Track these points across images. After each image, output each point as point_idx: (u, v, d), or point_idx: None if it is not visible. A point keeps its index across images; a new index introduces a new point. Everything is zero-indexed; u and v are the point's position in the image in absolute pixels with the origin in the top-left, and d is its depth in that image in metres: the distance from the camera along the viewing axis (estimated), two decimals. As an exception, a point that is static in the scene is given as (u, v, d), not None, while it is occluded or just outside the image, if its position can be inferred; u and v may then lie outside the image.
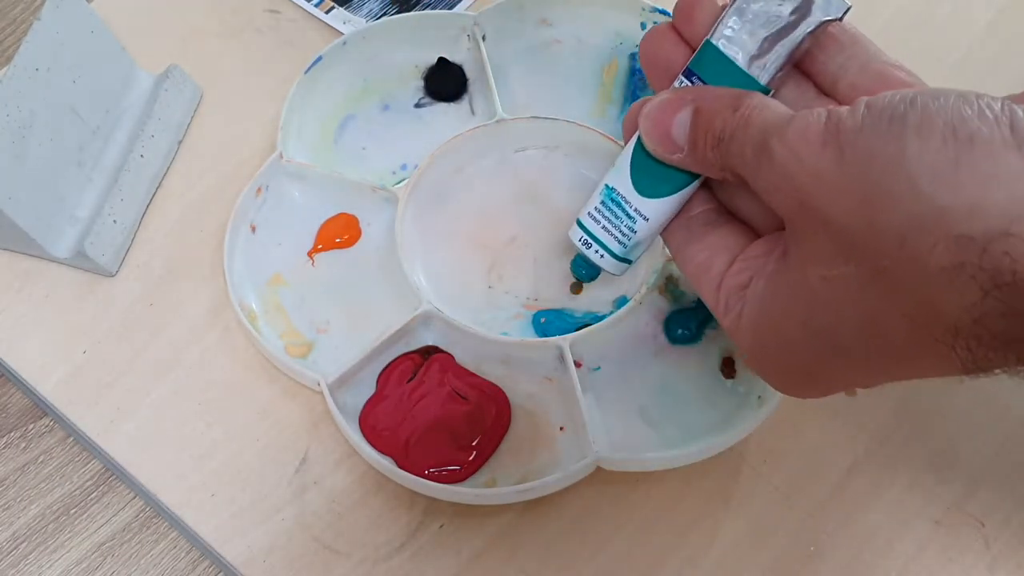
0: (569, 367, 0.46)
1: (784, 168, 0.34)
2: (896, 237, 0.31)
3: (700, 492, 0.46)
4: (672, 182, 0.40)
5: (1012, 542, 0.45)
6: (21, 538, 0.47)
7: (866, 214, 0.32)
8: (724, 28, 0.38)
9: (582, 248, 0.42)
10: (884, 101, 0.33)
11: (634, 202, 0.41)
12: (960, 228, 0.30)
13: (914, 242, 0.31)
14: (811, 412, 0.47)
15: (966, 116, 0.31)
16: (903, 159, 0.31)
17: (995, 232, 0.30)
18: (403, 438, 0.46)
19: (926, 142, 0.31)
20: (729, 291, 0.38)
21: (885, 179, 0.32)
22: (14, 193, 0.49)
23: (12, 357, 0.50)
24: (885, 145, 0.32)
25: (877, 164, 0.32)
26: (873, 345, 0.34)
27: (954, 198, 0.30)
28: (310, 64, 0.54)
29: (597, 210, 0.42)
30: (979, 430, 0.47)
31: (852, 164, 0.33)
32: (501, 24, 0.55)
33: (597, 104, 0.55)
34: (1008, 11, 0.58)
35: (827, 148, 0.33)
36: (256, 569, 0.45)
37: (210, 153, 0.55)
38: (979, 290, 0.30)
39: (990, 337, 0.31)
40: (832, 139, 0.33)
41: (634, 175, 0.41)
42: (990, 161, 0.30)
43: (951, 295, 0.31)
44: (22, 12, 0.62)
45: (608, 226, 0.41)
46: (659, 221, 0.41)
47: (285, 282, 0.51)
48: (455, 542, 0.45)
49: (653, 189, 0.40)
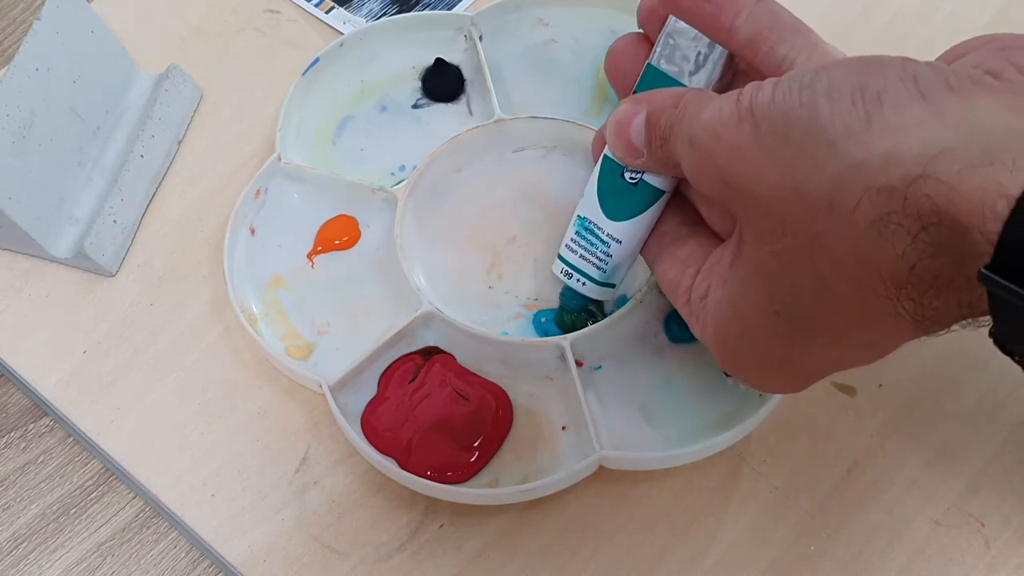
0: (570, 366, 0.46)
1: (706, 150, 0.35)
2: (823, 200, 0.32)
3: (700, 492, 0.46)
4: (637, 202, 0.42)
5: (1012, 542, 0.45)
6: (21, 538, 0.47)
7: (790, 183, 0.33)
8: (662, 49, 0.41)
9: (564, 279, 0.45)
10: (793, 74, 0.34)
11: (605, 227, 0.43)
12: (880, 180, 0.31)
13: (840, 202, 0.32)
14: (811, 412, 0.47)
15: (871, 75, 0.32)
16: (816, 122, 0.32)
17: (913, 177, 0.30)
18: (405, 439, 0.46)
19: (836, 104, 0.32)
20: (695, 303, 0.40)
21: (802, 144, 0.33)
22: (14, 193, 0.49)
23: (12, 357, 0.50)
24: (798, 112, 0.33)
25: (792, 131, 0.33)
26: (830, 313, 0.34)
27: (869, 152, 0.31)
28: (308, 65, 0.54)
29: (573, 240, 0.44)
30: (979, 430, 0.47)
31: (768, 135, 0.33)
32: (498, 24, 0.55)
33: (594, 103, 0.55)
34: (1008, 11, 0.58)
35: (743, 124, 0.34)
36: (256, 569, 0.45)
37: (210, 153, 0.55)
38: (907, 236, 0.31)
39: (928, 283, 0.31)
40: (746, 115, 0.34)
41: (601, 200, 0.43)
42: (898, 114, 0.31)
43: (884, 248, 0.31)
44: (22, 12, 0.62)
45: (585, 254, 0.44)
46: (632, 243, 0.43)
47: (285, 284, 0.51)
48: (455, 542, 0.45)
49: (620, 211, 0.42)
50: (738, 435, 0.45)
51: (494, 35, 0.55)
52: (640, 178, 0.42)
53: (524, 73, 0.55)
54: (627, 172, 0.42)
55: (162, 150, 0.54)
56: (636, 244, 0.43)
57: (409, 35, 0.56)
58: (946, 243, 0.30)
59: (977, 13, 0.58)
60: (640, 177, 0.42)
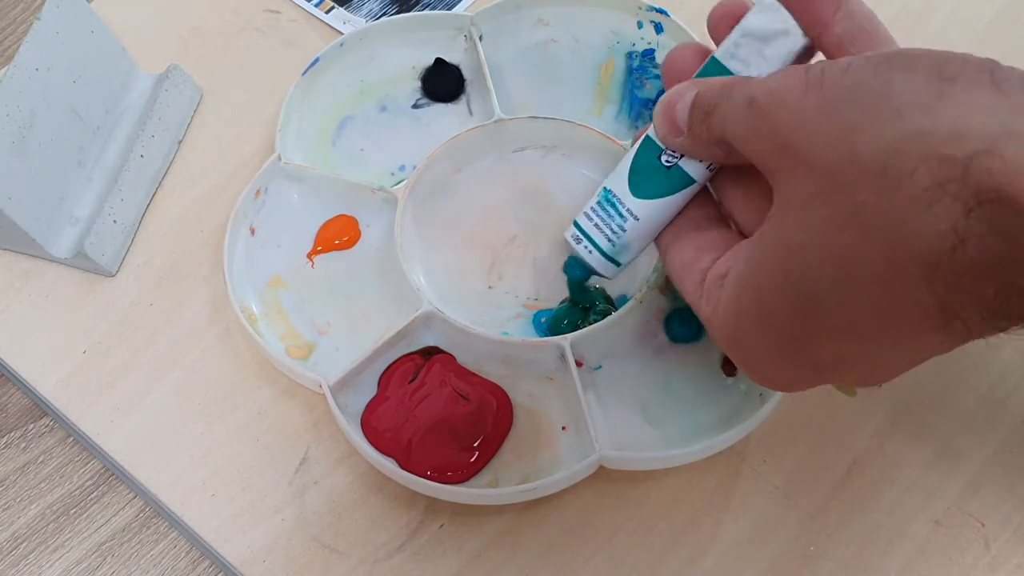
0: (570, 366, 0.46)
1: (765, 112, 0.36)
2: (878, 165, 0.32)
3: (700, 492, 0.46)
4: (665, 184, 0.42)
5: (1012, 542, 0.45)
6: (21, 538, 0.47)
7: (847, 147, 0.33)
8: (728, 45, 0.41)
9: (573, 244, 0.45)
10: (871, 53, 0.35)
11: (627, 202, 0.43)
12: (942, 150, 0.31)
13: (896, 167, 0.32)
14: (811, 412, 0.47)
15: (950, 61, 0.33)
16: (887, 91, 0.33)
17: (976, 151, 0.30)
18: (405, 439, 0.46)
19: (910, 77, 0.33)
20: (710, 283, 0.39)
21: (868, 111, 0.33)
22: (14, 193, 0.49)
23: (12, 357, 0.50)
24: (870, 81, 0.33)
25: (861, 98, 0.33)
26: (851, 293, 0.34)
27: (935, 123, 0.31)
28: (308, 65, 0.54)
29: (592, 209, 0.44)
30: (979, 430, 0.47)
31: (834, 101, 0.34)
32: (498, 24, 0.55)
33: (595, 103, 0.55)
34: (1008, 11, 0.58)
35: (809, 91, 0.35)
36: (256, 569, 0.45)
37: (210, 153, 0.55)
38: (962, 209, 0.31)
39: (968, 265, 0.31)
40: (815, 83, 0.35)
41: (631, 175, 0.43)
42: (970, 95, 0.32)
43: (931, 220, 0.31)
44: (22, 12, 0.62)
45: (600, 224, 0.44)
46: (649, 223, 0.43)
47: (285, 284, 0.51)
48: (455, 542, 0.45)
49: (646, 190, 0.42)
50: (738, 435, 0.45)
51: (494, 35, 0.55)
52: (676, 163, 0.42)
53: (524, 73, 0.55)
54: (664, 155, 0.42)
55: (162, 150, 0.54)
56: (652, 226, 0.43)
57: (409, 35, 0.56)
58: (1001, 222, 0.30)
59: (977, 13, 0.58)
60: (676, 162, 0.42)
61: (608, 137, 0.51)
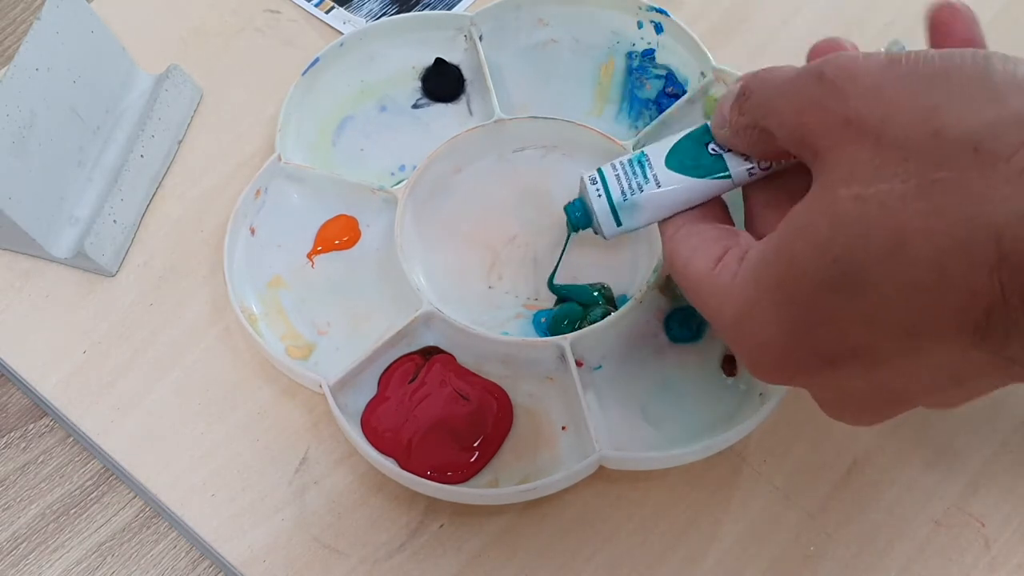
0: (570, 366, 0.46)
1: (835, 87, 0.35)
2: (968, 144, 0.32)
3: (700, 492, 0.46)
4: (701, 164, 0.42)
5: (1012, 542, 0.45)
6: (21, 538, 0.47)
7: (930, 123, 0.33)
8: None
9: (587, 183, 0.44)
10: None
11: (657, 168, 0.42)
12: None
13: (990, 148, 0.32)
14: (811, 412, 0.47)
15: None
16: (985, 73, 0.33)
17: None
18: (405, 439, 0.46)
19: (1011, 64, 0.33)
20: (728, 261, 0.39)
21: (960, 90, 0.33)
22: (14, 193, 0.49)
23: (12, 357, 0.50)
24: (965, 63, 0.34)
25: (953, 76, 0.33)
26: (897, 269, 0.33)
27: None
28: (308, 65, 0.54)
29: (620, 163, 0.43)
30: (979, 430, 0.47)
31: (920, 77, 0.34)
32: (498, 24, 0.55)
33: (595, 103, 0.55)
34: (1008, 11, 0.58)
35: (892, 66, 0.35)
36: (256, 569, 0.45)
37: (210, 153, 0.55)
38: None
39: None
40: (896, 62, 0.35)
41: (673, 149, 0.43)
42: None
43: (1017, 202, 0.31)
44: (22, 12, 0.62)
45: (621, 176, 0.43)
46: (667, 196, 0.42)
47: (285, 284, 0.51)
48: (455, 542, 0.45)
49: (680, 163, 0.42)
50: (738, 435, 0.45)
51: (494, 35, 0.55)
52: (720, 154, 0.42)
53: (524, 73, 0.55)
54: (712, 144, 0.42)
55: (162, 150, 0.54)
56: (668, 200, 0.42)
57: (409, 35, 0.56)
58: None
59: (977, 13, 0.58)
60: (720, 153, 0.42)
61: (608, 137, 0.51)
